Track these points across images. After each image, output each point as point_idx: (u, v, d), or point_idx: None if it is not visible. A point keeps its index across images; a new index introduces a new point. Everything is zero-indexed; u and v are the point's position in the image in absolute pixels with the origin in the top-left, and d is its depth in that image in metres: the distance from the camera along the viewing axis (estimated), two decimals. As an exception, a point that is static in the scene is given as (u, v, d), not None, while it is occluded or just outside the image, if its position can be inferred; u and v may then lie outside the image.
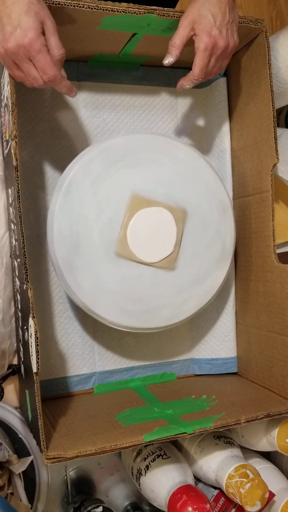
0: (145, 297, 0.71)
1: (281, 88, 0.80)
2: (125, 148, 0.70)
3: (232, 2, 0.65)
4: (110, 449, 0.61)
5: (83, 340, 0.79)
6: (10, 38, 0.57)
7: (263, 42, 0.73)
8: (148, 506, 0.80)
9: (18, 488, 0.69)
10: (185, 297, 0.73)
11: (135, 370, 0.82)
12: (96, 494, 0.80)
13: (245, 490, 0.64)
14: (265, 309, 0.77)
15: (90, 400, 0.77)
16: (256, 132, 0.77)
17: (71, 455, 0.59)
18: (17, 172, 0.62)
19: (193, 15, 0.63)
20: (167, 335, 0.83)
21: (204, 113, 0.85)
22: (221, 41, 0.64)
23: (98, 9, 0.63)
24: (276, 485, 0.72)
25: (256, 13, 1.13)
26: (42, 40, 0.58)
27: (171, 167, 0.72)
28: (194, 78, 0.67)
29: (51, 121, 0.77)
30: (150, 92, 0.82)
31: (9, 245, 0.74)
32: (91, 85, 0.78)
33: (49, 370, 0.77)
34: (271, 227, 0.75)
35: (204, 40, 0.63)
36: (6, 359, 0.75)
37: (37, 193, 0.76)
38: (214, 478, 0.69)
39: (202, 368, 0.86)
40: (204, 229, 0.74)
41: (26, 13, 0.56)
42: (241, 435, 0.77)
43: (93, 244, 0.69)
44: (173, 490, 0.64)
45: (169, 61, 0.66)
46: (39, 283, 0.77)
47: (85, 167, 0.69)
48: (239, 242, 0.82)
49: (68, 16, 0.64)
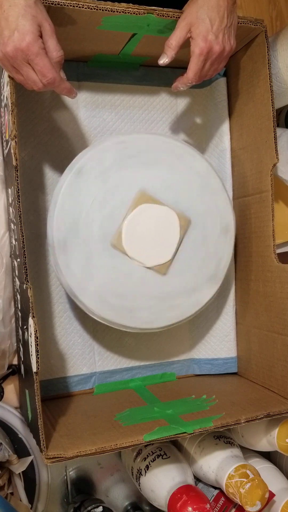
0: (129, 294, 0.71)
1: (281, 88, 0.80)
2: (142, 146, 0.71)
3: (231, 6, 0.64)
4: (110, 449, 0.61)
5: (83, 340, 0.79)
6: (8, 42, 0.57)
7: (263, 42, 0.73)
8: (148, 506, 0.80)
9: (18, 488, 0.69)
10: (169, 304, 0.73)
11: (135, 370, 0.82)
12: (96, 494, 0.80)
13: (245, 490, 0.64)
14: (265, 309, 0.77)
15: (90, 400, 0.77)
16: (256, 132, 0.77)
17: (71, 455, 0.59)
18: (17, 172, 0.62)
19: (191, 18, 0.63)
20: (167, 335, 0.83)
21: (204, 113, 0.85)
22: (217, 46, 0.64)
23: (98, 10, 0.63)
24: (276, 485, 0.72)
25: (256, 13, 1.13)
26: (40, 43, 0.58)
27: (185, 175, 0.73)
28: (189, 81, 0.67)
29: (51, 121, 0.77)
30: (150, 92, 0.82)
31: (9, 245, 0.74)
32: (91, 85, 0.79)
33: (49, 370, 0.77)
34: (271, 227, 0.75)
35: (200, 45, 0.63)
36: (6, 359, 0.75)
37: (37, 193, 0.76)
38: (214, 478, 0.69)
39: (202, 368, 0.86)
40: (203, 244, 0.74)
41: (23, 16, 0.56)
42: (241, 435, 0.77)
43: (91, 229, 0.69)
44: (173, 490, 0.64)
45: (164, 61, 0.66)
46: (39, 283, 0.77)
47: (100, 154, 0.69)
48: (239, 242, 0.82)
49: (68, 17, 0.64)
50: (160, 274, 0.72)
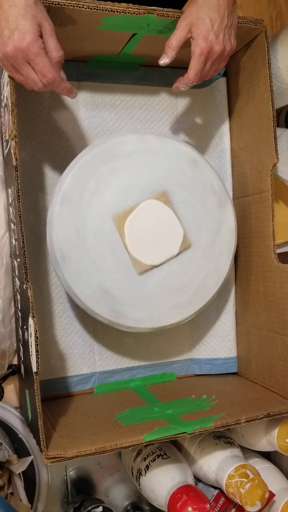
0: (129, 293, 0.71)
1: (281, 88, 0.80)
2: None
3: (231, 5, 0.64)
4: (110, 449, 0.61)
5: (83, 340, 0.79)
6: (8, 42, 0.57)
7: (263, 42, 0.73)
8: (148, 506, 0.80)
9: (18, 488, 0.69)
10: (170, 304, 0.73)
11: (135, 370, 0.82)
12: (96, 494, 0.80)
13: (245, 490, 0.64)
14: (265, 309, 0.77)
15: (90, 400, 0.77)
16: (256, 132, 0.77)
17: (71, 455, 0.59)
18: (17, 172, 0.62)
19: (191, 18, 0.63)
20: (167, 335, 0.83)
21: (204, 113, 0.85)
22: (217, 46, 0.64)
23: (98, 10, 0.63)
24: (276, 485, 0.72)
25: (256, 13, 1.12)
26: (40, 43, 0.58)
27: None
28: (189, 81, 0.67)
29: (51, 121, 0.77)
30: (150, 92, 0.82)
31: (9, 245, 0.74)
32: (91, 85, 0.78)
33: (49, 370, 0.77)
34: (271, 227, 0.75)
35: (200, 45, 0.63)
36: (6, 359, 0.75)
37: (37, 193, 0.76)
38: (214, 478, 0.69)
39: (202, 368, 0.86)
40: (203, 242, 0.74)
41: (23, 16, 0.56)
42: (241, 435, 0.77)
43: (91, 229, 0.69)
44: (173, 490, 0.64)
45: (165, 61, 0.67)
46: (39, 283, 0.77)
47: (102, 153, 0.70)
48: (239, 242, 0.82)
49: (68, 17, 0.64)
50: (160, 272, 0.72)
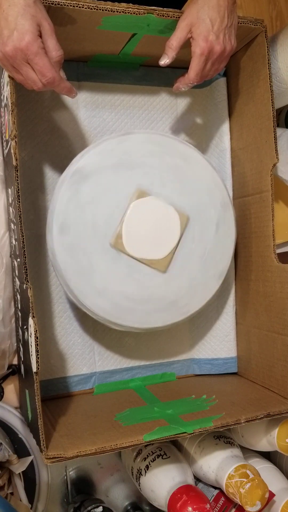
0: (129, 293, 0.71)
1: (281, 88, 0.80)
2: (137, 146, 0.71)
3: (231, 5, 0.64)
4: (110, 449, 0.61)
5: (83, 340, 0.79)
6: (8, 41, 0.57)
7: (263, 42, 0.73)
8: (148, 506, 0.80)
9: (18, 488, 0.69)
10: (170, 303, 0.73)
11: (135, 370, 0.82)
12: (96, 494, 0.80)
13: (245, 490, 0.64)
14: (265, 309, 0.77)
15: (90, 400, 0.77)
16: (256, 132, 0.77)
17: (71, 455, 0.59)
18: (17, 172, 0.62)
19: (191, 18, 0.63)
20: (167, 335, 0.83)
21: (204, 113, 0.85)
22: (218, 46, 0.64)
23: (98, 10, 0.63)
24: (276, 485, 0.72)
25: (256, 13, 1.12)
26: (39, 42, 0.58)
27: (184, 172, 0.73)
28: (190, 81, 0.67)
29: (51, 121, 0.77)
30: (150, 92, 0.82)
31: (9, 245, 0.74)
32: (91, 85, 0.78)
33: (49, 370, 0.77)
34: (271, 227, 0.75)
35: (201, 45, 0.63)
36: (6, 359, 0.75)
37: (37, 193, 0.76)
38: (214, 478, 0.69)
39: (202, 368, 0.86)
40: (202, 240, 0.74)
41: (22, 16, 0.56)
42: (241, 435, 0.77)
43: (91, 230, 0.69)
44: (173, 490, 0.64)
45: (165, 62, 0.67)
46: (39, 283, 0.77)
47: (100, 155, 0.70)
48: (239, 242, 0.82)
49: (68, 17, 0.64)
50: (160, 272, 0.72)
